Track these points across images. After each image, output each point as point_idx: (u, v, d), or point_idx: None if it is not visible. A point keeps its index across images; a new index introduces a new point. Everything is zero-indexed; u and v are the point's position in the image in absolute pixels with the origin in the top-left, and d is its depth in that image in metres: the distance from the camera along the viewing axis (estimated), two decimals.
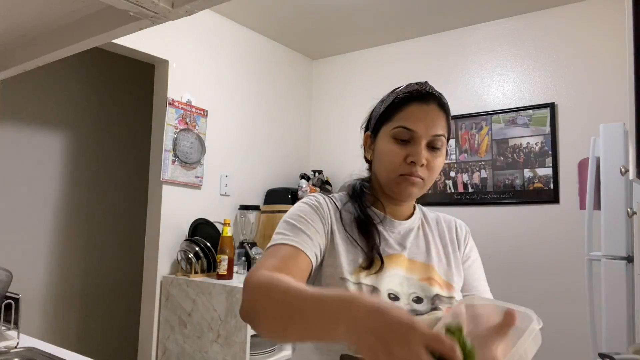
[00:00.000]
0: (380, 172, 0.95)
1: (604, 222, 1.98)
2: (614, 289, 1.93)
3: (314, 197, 0.96)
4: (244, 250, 2.68)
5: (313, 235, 0.87)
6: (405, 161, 0.90)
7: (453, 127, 2.99)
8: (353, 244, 0.92)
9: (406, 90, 0.95)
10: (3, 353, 1.31)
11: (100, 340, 3.21)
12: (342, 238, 0.92)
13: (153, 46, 2.56)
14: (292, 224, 0.88)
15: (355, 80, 3.44)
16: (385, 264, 0.90)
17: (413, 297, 0.90)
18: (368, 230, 0.93)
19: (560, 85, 2.67)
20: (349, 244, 0.92)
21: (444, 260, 0.98)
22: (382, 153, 0.94)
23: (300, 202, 0.96)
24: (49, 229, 3.01)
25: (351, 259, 0.90)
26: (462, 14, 2.86)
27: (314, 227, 0.89)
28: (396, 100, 0.94)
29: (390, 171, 0.92)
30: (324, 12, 2.86)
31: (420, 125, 0.90)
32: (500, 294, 2.94)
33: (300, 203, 0.94)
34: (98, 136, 3.29)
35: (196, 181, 2.70)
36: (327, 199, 0.97)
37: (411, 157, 0.89)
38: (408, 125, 0.90)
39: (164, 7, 0.80)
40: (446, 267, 0.97)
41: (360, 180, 1.03)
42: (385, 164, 0.93)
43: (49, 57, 1.10)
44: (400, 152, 0.90)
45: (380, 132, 0.95)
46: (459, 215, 3.25)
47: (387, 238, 0.95)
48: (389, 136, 0.92)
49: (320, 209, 0.93)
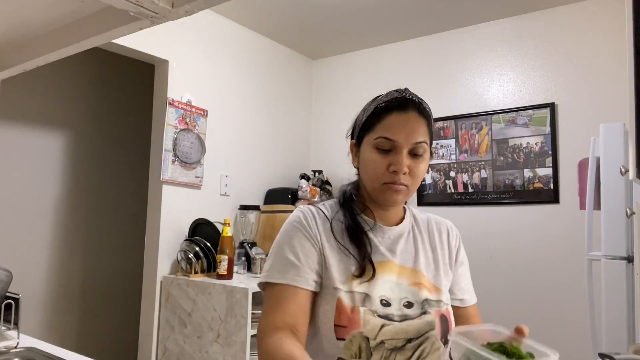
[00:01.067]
0: (366, 181, 0.98)
1: (604, 222, 1.98)
2: (614, 289, 1.92)
3: (301, 215, 0.98)
4: (244, 250, 2.68)
5: (305, 264, 0.92)
6: (387, 170, 0.93)
7: (453, 127, 2.99)
8: (345, 252, 0.95)
9: (386, 99, 0.97)
10: (3, 353, 1.31)
11: (100, 340, 3.21)
12: (334, 248, 0.95)
13: (153, 46, 2.56)
14: (284, 257, 0.93)
15: (355, 80, 3.44)
16: (377, 271, 0.93)
17: (404, 302, 0.92)
18: (359, 238, 0.96)
19: (560, 85, 2.67)
20: (340, 253, 0.95)
21: (432, 264, 1.01)
22: (366, 162, 0.96)
23: (291, 219, 0.99)
24: (49, 229, 3.01)
25: (343, 268, 0.93)
26: (462, 14, 2.86)
27: (304, 253, 0.93)
28: (376, 110, 0.96)
29: (374, 180, 0.95)
30: (324, 12, 2.86)
31: (400, 135, 0.92)
32: (500, 294, 2.94)
33: (288, 224, 0.98)
34: (98, 136, 3.29)
35: (196, 181, 2.70)
36: (315, 211, 0.99)
37: (393, 166, 0.92)
38: (388, 135, 0.92)
39: (164, 7, 0.80)
40: (434, 272, 1.00)
41: (350, 187, 1.05)
42: (369, 173, 0.95)
43: (49, 57, 1.11)
44: (382, 161, 0.93)
45: (364, 141, 0.97)
46: (459, 215, 3.26)
47: (377, 245, 0.97)
48: (371, 146, 0.95)
49: (308, 228, 0.96)
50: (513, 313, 2.67)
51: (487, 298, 2.66)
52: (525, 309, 2.65)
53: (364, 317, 0.88)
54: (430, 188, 3.05)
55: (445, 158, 3.00)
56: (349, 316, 0.88)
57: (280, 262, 0.93)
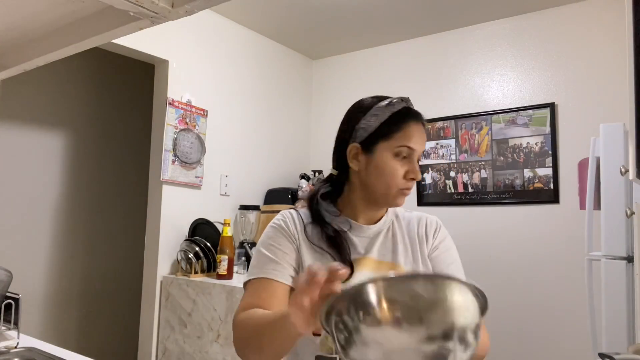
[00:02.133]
0: (378, 185, 0.99)
1: (604, 222, 1.98)
2: (614, 289, 1.93)
3: (280, 218, 1.04)
4: (244, 250, 2.68)
5: (282, 259, 0.97)
6: (405, 177, 0.98)
7: (453, 127, 2.99)
8: (320, 252, 0.98)
9: (400, 108, 1.00)
10: (3, 353, 1.31)
11: (100, 340, 3.21)
12: (309, 248, 0.99)
13: (153, 46, 2.56)
14: (263, 254, 0.99)
15: (355, 80, 3.44)
16: (354, 268, 0.97)
17: None
18: (337, 242, 0.99)
19: (560, 85, 2.67)
20: (315, 252, 0.99)
21: (411, 256, 1.03)
22: (382, 168, 0.98)
23: (269, 224, 1.04)
24: (49, 229, 3.01)
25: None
26: (462, 14, 2.86)
27: (282, 250, 0.98)
28: (394, 118, 0.99)
29: (391, 186, 0.98)
30: (324, 12, 2.86)
31: (417, 144, 0.99)
32: (500, 293, 2.93)
33: (269, 227, 1.04)
34: (98, 136, 3.29)
35: (196, 181, 2.70)
36: (294, 214, 1.04)
37: (412, 174, 0.98)
38: (410, 144, 0.98)
39: (164, 7, 0.80)
40: (413, 264, 1.03)
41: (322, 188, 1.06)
42: (387, 179, 0.98)
43: (49, 57, 1.11)
44: (401, 169, 0.98)
45: (379, 147, 0.99)
46: (459, 215, 3.25)
47: (355, 244, 1.01)
48: (392, 153, 0.98)
49: (286, 229, 1.01)
50: (513, 313, 2.67)
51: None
52: (525, 309, 2.65)
53: None
54: (430, 188, 3.05)
55: (445, 158, 3.00)
56: None
57: (260, 259, 0.98)
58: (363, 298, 0.54)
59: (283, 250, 0.98)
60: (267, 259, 0.97)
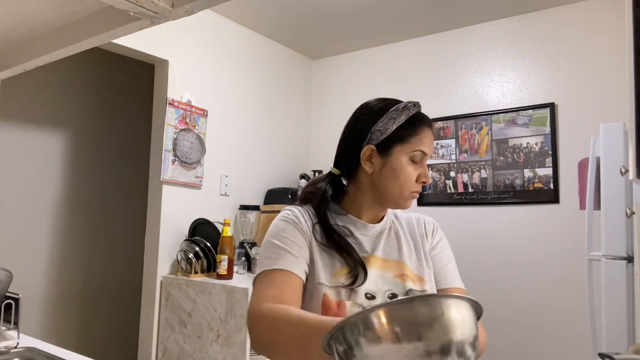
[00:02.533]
0: (391, 187, 1.00)
1: (604, 222, 1.98)
2: (614, 289, 1.92)
3: (290, 212, 1.02)
4: (244, 250, 2.68)
5: (298, 253, 0.95)
6: (417, 180, 1.01)
7: (453, 127, 2.99)
8: (329, 252, 0.98)
9: (415, 113, 1.02)
10: (3, 353, 1.31)
11: (100, 340, 3.21)
12: (319, 247, 0.98)
13: (153, 46, 2.56)
14: (277, 246, 0.95)
15: (355, 80, 3.44)
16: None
17: (388, 294, 0.96)
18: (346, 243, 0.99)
19: (560, 85, 2.67)
20: (324, 252, 0.98)
21: (415, 255, 1.05)
22: (397, 171, 1.00)
23: (278, 218, 1.02)
24: (49, 229, 3.01)
25: (327, 264, 0.97)
26: (462, 14, 2.86)
27: (297, 244, 0.96)
28: (411, 123, 1.01)
29: (404, 189, 1.00)
30: (324, 12, 2.86)
31: (429, 149, 1.02)
32: (500, 293, 2.93)
33: (280, 220, 1.01)
34: (98, 136, 3.29)
35: (196, 181, 2.70)
36: (303, 211, 1.02)
37: (424, 178, 1.01)
38: (425, 149, 1.00)
39: (164, 7, 0.80)
40: (417, 262, 1.04)
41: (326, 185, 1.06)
42: (401, 182, 1.00)
43: (49, 57, 1.10)
44: (414, 172, 1.00)
45: (395, 150, 1.00)
46: (459, 215, 3.25)
47: (361, 242, 1.02)
48: (408, 158, 1.00)
49: (299, 223, 0.99)
50: (513, 313, 2.67)
51: (486, 298, 2.66)
52: (525, 309, 2.65)
53: (350, 311, 0.91)
54: (430, 188, 3.04)
55: (445, 158, 3.00)
56: (336, 311, 0.91)
57: (274, 251, 0.95)
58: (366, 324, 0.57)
59: (298, 244, 0.96)
60: (284, 251, 0.94)
